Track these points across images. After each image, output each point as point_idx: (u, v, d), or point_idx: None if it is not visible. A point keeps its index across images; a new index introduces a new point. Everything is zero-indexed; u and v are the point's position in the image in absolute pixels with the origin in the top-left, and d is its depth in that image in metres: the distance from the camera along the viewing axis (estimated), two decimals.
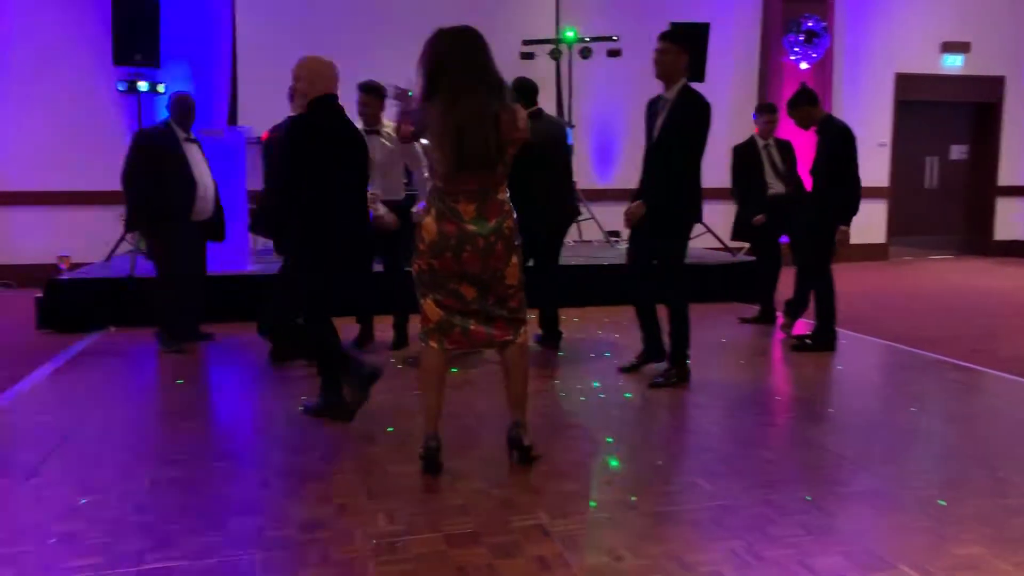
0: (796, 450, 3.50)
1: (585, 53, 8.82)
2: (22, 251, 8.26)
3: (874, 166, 9.82)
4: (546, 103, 8.70)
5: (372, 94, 4.98)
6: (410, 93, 3.13)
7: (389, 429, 3.71)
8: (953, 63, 10.65)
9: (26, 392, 4.41)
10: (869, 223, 10.02)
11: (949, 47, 10.58)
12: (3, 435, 3.77)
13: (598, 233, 8.63)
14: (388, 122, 5.16)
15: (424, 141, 5.70)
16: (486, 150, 2.97)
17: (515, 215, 3.12)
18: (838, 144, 5.06)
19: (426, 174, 5.16)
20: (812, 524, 2.72)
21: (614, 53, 8.79)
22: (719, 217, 7.51)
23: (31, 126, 8.21)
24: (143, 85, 7.36)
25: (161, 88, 7.33)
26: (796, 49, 9.79)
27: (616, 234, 8.62)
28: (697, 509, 2.86)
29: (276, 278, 4.32)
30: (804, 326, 5.85)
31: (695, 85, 4.37)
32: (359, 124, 5.03)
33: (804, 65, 9.83)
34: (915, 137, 10.78)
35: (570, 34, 8.80)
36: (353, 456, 3.41)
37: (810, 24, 9.76)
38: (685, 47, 4.33)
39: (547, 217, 4.87)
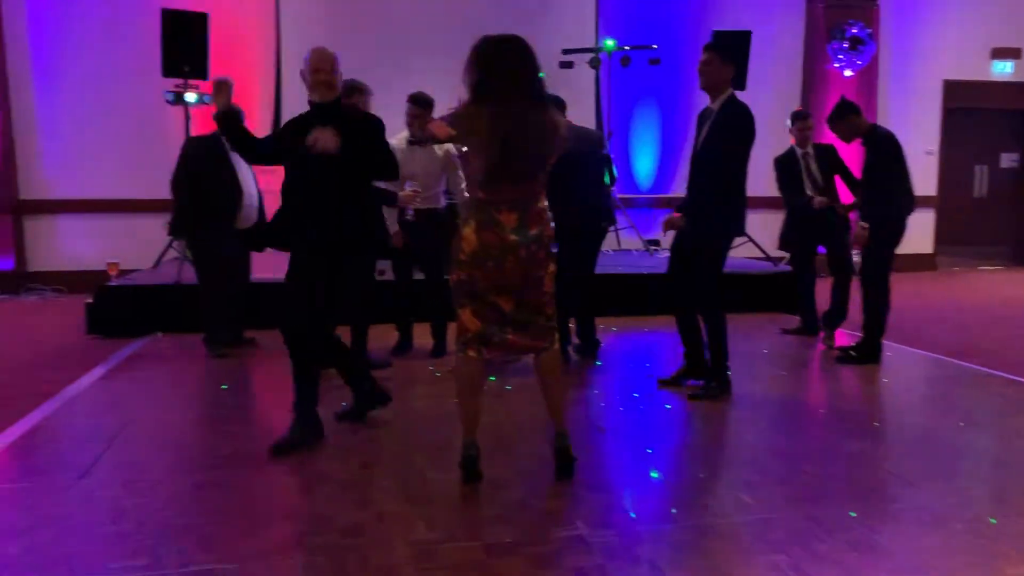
0: (840, 464, 3.44)
1: (624, 61, 8.80)
2: (73, 257, 8.49)
3: (922, 175, 9.59)
4: (585, 111, 8.77)
5: (422, 106, 5.01)
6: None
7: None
8: (1003, 69, 10.40)
9: (77, 395, 4.52)
10: (916, 233, 9.83)
11: (999, 53, 10.34)
12: (55, 437, 3.87)
13: (637, 242, 8.59)
14: None
15: (464, 148, 5.77)
16: (531, 159, 2.97)
17: (553, 223, 3.11)
18: (886, 153, 4.97)
19: (462, 184, 5.21)
20: (858, 541, 2.67)
21: (654, 62, 8.77)
22: (761, 227, 7.43)
23: (82, 136, 8.44)
24: (191, 96, 7.52)
25: (208, 99, 7.48)
26: (840, 56, 9.65)
27: (656, 243, 8.58)
28: (739, 523, 2.82)
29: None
30: (845, 337, 5.76)
31: (737, 94, 4.33)
32: (405, 134, 5.10)
33: (848, 72, 9.69)
34: (964, 145, 10.54)
35: (610, 42, 8.79)
36: (393, 462, 3.43)
37: (855, 31, 9.62)
38: (730, 58, 4.29)
39: (569, 223, 4.85)
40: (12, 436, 3.77)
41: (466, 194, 5.18)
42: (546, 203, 3.10)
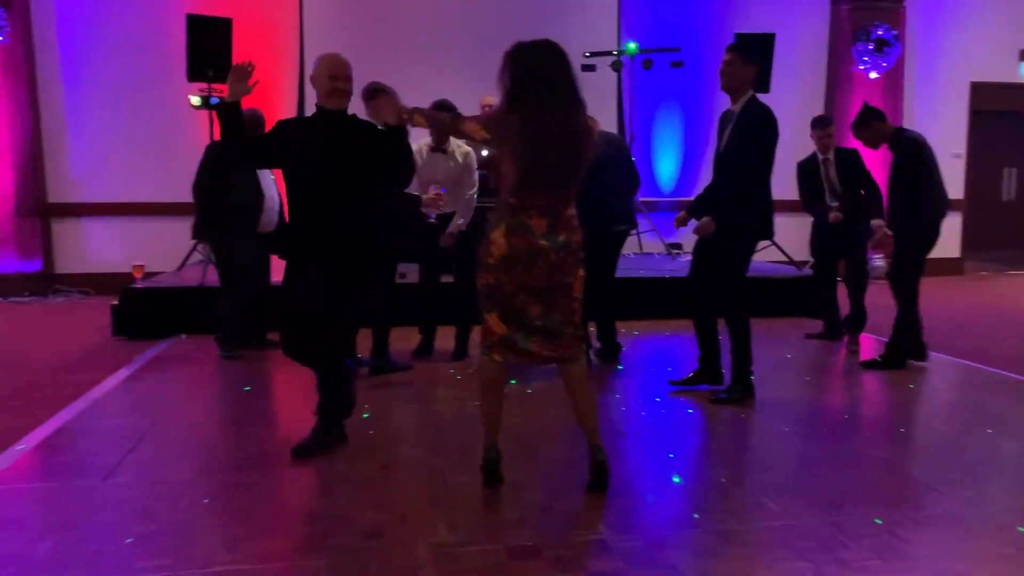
0: (866, 471, 3.39)
1: (647, 64, 8.78)
2: (99, 260, 8.61)
3: (948, 178, 9.37)
4: (607, 114, 8.75)
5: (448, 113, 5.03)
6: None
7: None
8: None
9: (102, 396, 4.57)
10: (943, 237, 9.67)
11: None
12: (81, 438, 3.91)
13: (659, 245, 8.56)
14: (455, 142, 5.23)
15: (484, 152, 5.76)
16: (565, 165, 2.95)
17: (581, 230, 3.09)
18: (912, 156, 4.90)
19: (471, 191, 5.21)
20: (883, 548, 2.64)
21: (676, 64, 8.74)
22: (783, 231, 7.37)
23: (109, 140, 8.57)
24: (216, 100, 7.60)
25: None
26: (866, 58, 9.57)
27: (678, 246, 8.54)
28: (762, 529, 2.79)
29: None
30: (871, 342, 5.70)
31: (761, 96, 4.30)
32: (429, 141, 5.12)
33: (874, 75, 9.60)
34: (992, 148, 10.41)
35: (632, 45, 8.77)
36: (414, 465, 3.44)
37: (880, 32, 9.53)
38: (751, 59, 4.26)
39: (588, 226, 4.83)
40: (39, 436, 3.83)
41: (474, 200, 5.22)
42: (575, 211, 3.07)
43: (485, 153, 6.76)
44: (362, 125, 3.59)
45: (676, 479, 3.30)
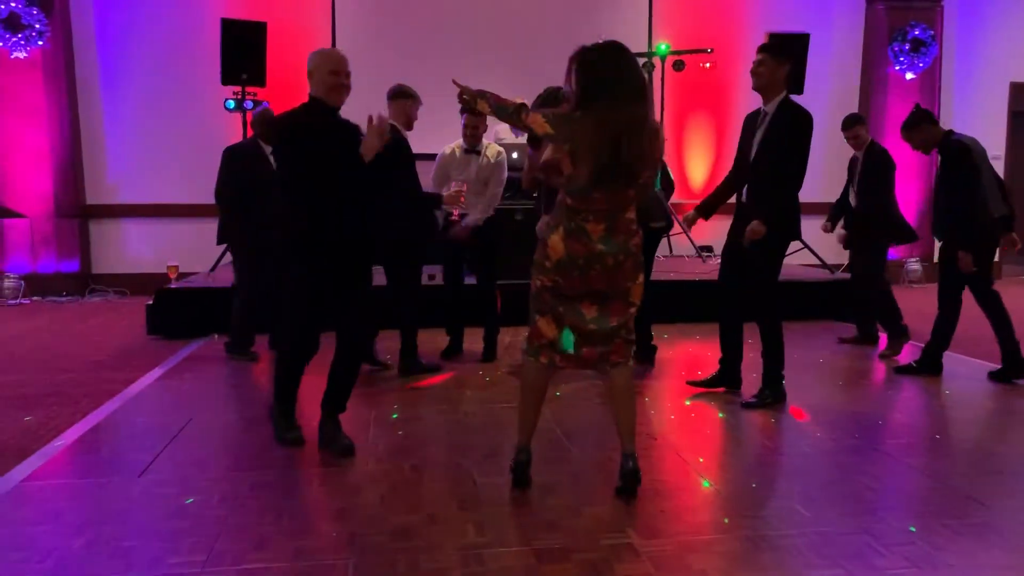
0: (900, 478, 3.34)
1: (678, 66, 8.72)
2: (135, 261, 8.76)
3: None
4: None
5: (478, 114, 5.05)
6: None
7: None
8: None
9: (137, 395, 4.65)
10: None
11: None
12: (117, 435, 3.99)
13: (690, 248, 8.50)
14: (487, 142, 5.25)
15: (515, 156, 5.70)
16: (633, 168, 2.89)
17: (641, 233, 3.05)
18: (955, 164, 4.80)
19: (498, 188, 5.22)
20: (917, 557, 2.59)
21: (707, 65, 8.67)
22: (817, 233, 7.29)
23: (145, 143, 8.73)
24: (250, 103, 7.70)
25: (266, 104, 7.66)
26: (901, 59, 9.43)
27: (708, 249, 8.48)
28: (793, 535, 2.76)
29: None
30: (908, 348, 5.61)
31: (793, 98, 4.25)
32: (462, 143, 5.15)
33: (910, 75, 9.46)
34: None
35: (663, 46, 8.73)
36: (443, 466, 3.45)
37: (917, 32, 9.38)
38: (784, 58, 4.22)
39: None
40: (76, 433, 3.90)
41: (497, 198, 5.22)
42: (635, 215, 3.02)
43: (516, 156, 6.77)
44: (349, 124, 3.58)
45: (706, 483, 3.27)
